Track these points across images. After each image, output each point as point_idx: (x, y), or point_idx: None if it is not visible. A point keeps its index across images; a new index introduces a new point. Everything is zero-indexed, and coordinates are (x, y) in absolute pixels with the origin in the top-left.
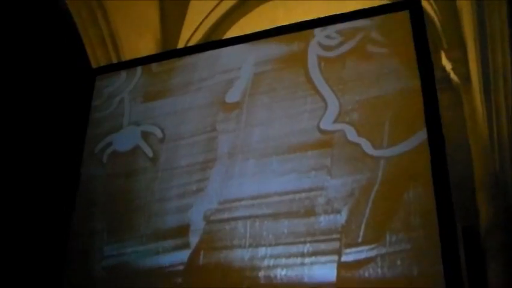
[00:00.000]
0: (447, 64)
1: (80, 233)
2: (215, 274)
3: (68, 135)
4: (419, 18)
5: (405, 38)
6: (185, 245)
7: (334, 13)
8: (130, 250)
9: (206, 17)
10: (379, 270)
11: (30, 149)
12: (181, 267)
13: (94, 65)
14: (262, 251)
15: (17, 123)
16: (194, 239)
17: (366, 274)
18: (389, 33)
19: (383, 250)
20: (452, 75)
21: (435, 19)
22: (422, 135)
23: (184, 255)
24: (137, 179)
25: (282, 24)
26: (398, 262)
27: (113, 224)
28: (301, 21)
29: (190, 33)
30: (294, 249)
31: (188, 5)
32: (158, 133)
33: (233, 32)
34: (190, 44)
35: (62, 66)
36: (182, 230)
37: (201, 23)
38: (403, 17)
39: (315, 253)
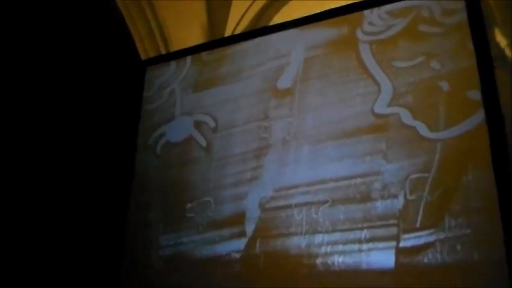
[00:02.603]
0: (502, 41)
1: (136, 223)
2: (272, 262)
3: (122, 127)
4: None
5: (458, 15)
6: (242, 234)
7: None
8: (186, 240)
9: (252, 3)
10: (438, 256)
11: (84, 142)
12: (237, 256)
13: (143, 58)
14: (319, 238)
15: (70, 118)
16: (250, 227)
17: (426, 260)
18: (441, 11)
19: (442, 235)
20: (508, 52)
21: None
22: (479, 116)
23: (240, 244)
24: (192, 168)
25: (331, 8)
26: (458, 247)
27: (169, 214)
28: (351, 4)
29: (236, 20)
30: (351, 235)
31: None
32: (211, 122)
33: (280, 17)
34: (237, 31)
35: (112, 59)
36: (238, 219)
37: (247, 10)
38: None
39: (372, 239)
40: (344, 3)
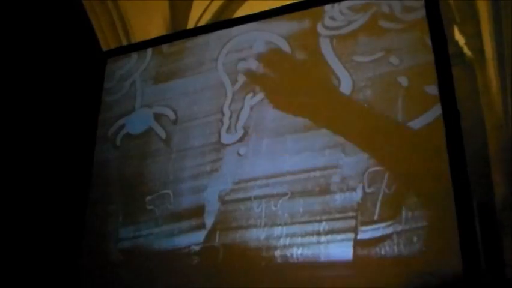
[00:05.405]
0: (460, 39)
1: (95, 215)
2: (231, 254)
3: (81, 119)
4: None
5: (418, 12)
6: (201, 226)
7: None
8: (146, 232)
9: None
10: (395, 248)
11: (43, 133)
12: (197, 248)
13: (104, 49)
14: (278, 230)
15: (29, 109)
16: (209, 220)
17: (383, 251)
18: (401, 7)
19: (399, 227)
20: (466, 50)
21: None
22: (437, 110)
23: (199, 236)
24: (151, 161)
25: (293, 2)
26: (415, 239)
27: (128, 207)
28: None
29: (199, 13)
30: (309, 227)
31: None
32: (171, 114)
33: (243, 11)
34: (200, 24)
35: (73, 51)
36: (198, 211)
37: (210, 3)
38: None
39: (331, 231)
40: None
